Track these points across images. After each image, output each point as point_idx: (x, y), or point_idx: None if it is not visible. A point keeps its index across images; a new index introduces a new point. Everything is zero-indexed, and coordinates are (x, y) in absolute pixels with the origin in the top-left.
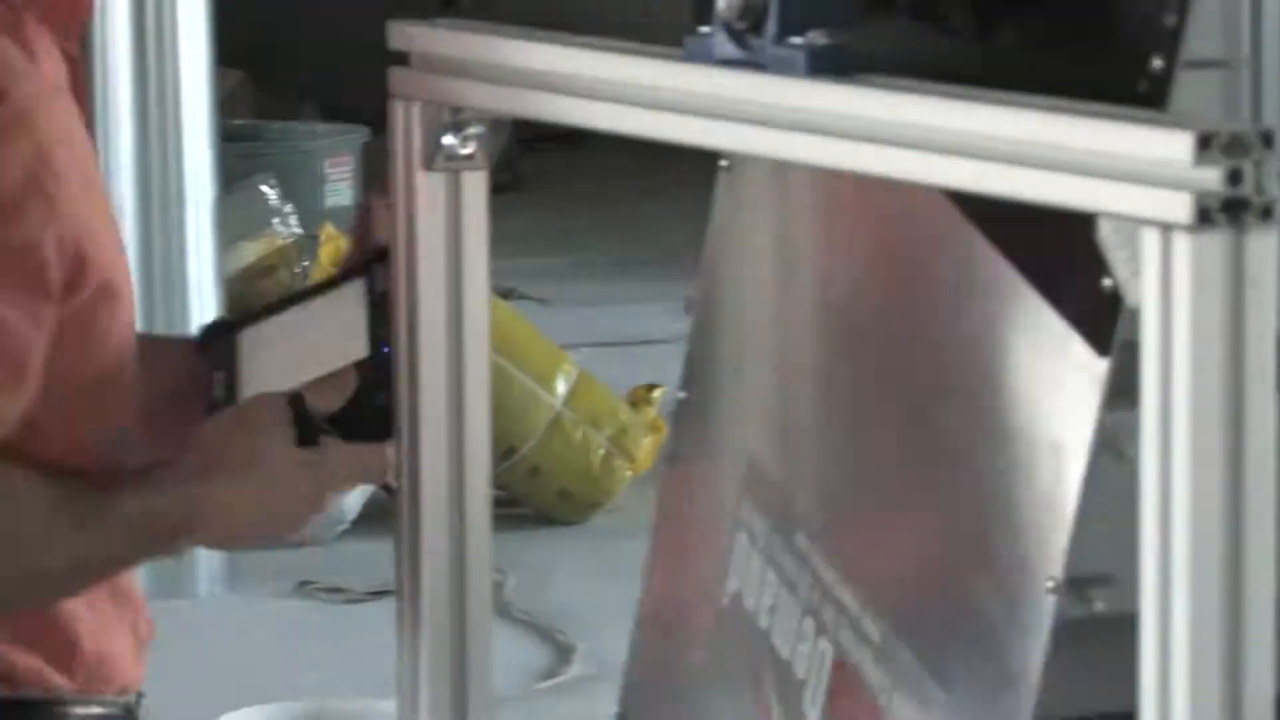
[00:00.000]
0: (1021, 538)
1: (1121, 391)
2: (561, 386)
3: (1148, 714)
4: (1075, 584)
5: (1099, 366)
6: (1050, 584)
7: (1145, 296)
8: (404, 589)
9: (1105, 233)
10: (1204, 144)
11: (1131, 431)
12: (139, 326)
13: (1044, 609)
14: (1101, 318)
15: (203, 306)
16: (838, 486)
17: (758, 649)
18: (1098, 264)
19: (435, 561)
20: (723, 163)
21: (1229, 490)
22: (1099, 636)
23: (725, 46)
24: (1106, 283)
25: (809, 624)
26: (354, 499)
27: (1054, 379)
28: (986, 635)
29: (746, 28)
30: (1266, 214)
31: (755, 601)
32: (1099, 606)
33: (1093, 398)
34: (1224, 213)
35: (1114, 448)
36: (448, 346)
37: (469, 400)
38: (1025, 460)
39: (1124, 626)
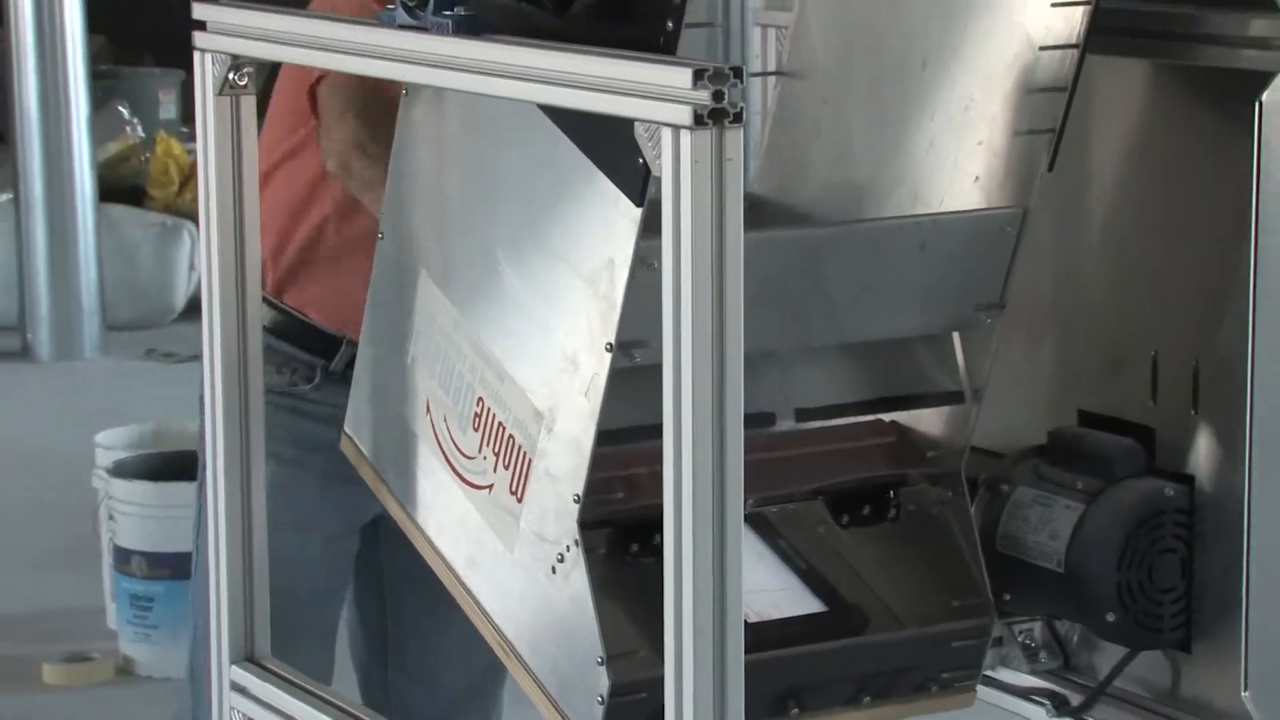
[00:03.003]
0: (592, 318)
1: (650, 228)
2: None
3: (669, 424)
4: (623, 346)
5: (636, 213)
6: (607, 346)
7: (664, 171)
8: (214, 352)
9: (639, 131)
10: (698, 76)
11: (657, 252)
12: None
13: (604, 364)
14: (638, 182)
15: (82, 184)
16: (482, 287)
17: (429, 388)
18: (636, 150)
19: (226, 330)
20: (404, 90)
21: (716, 280)
22: (640, 382)
23: (403, 17)
24: (641, 161)
25: (461, 372)
26: (180, 291)
27: (610, 222)
28: (569, 376)
29: (416, 5)
30: (737, 118)
31: (427, 360)
32: (638, 360)
33: (632, 232)
34: (711, 119)
35: (646, 263)
36: (233, 206)
37: (247, 236)
38: (595, 271)
39: (655, 373)
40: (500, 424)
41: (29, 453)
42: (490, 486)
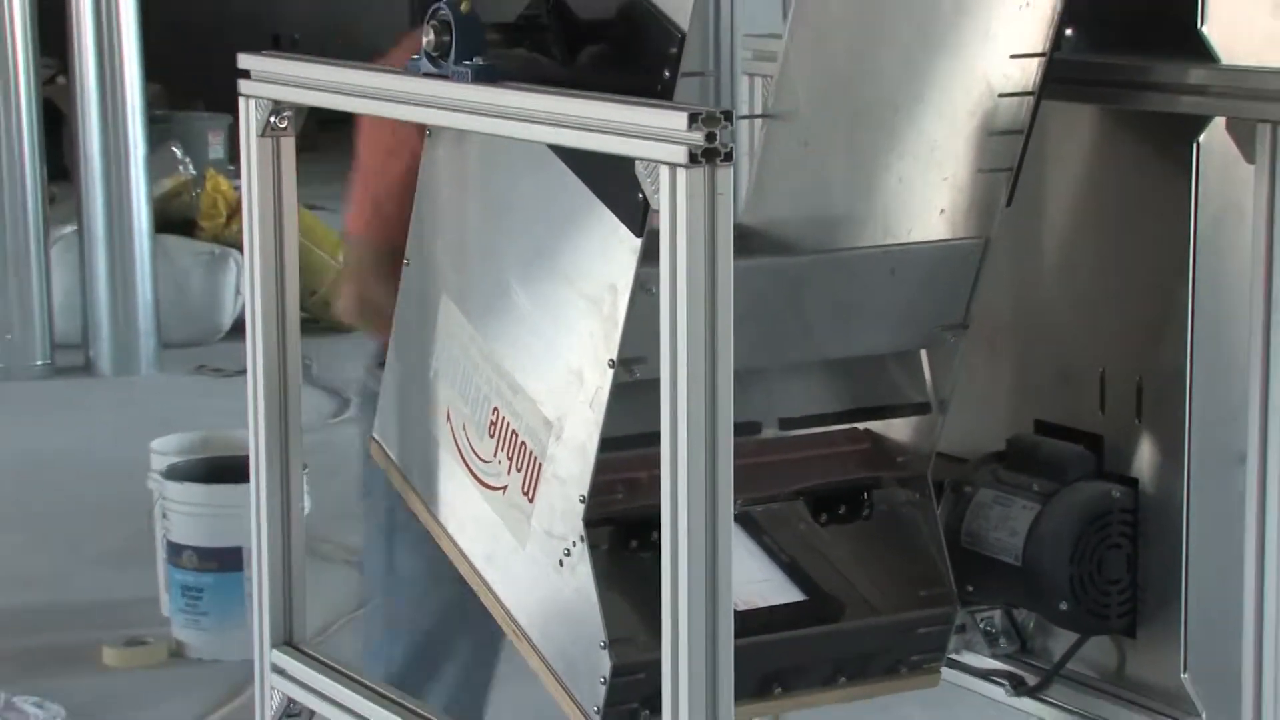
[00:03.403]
0: (596, 336)
1: (649, 256)
2: (341, 256)
3: (666, 433)
4: (624, 362)
5: (636, 242)
6: (610, 362)
7: (661, 203)
8: (255, 367)
9: (640, 169)
10: (693, 119)
11: (655, 277)
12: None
13: (607, 378)
14: (638, 215)
15: (140, 217)
16: (497, 307)
17: (450, 399)
18: (636, 185)
19: (267, 347)
20: (428, 131)
21: (708, 303)
22: (639, 394)
23: (428, 66)
24: (640, 196)
25: (478, 385)
26: (226, 312)
27: (612, 250)
28: (576, 389)
29: (439, 56)
30: (727, 158)
31: (448, 373)
32: (638, 375)
33: (633, 260)
34: (704, 158)
35: (645, 287)
36: (274, 238)
37: (286, 264)
38: (598, 295)
39: (653, 387)
40: (514, 431)
41: (91, 458)
42: (504, 488)
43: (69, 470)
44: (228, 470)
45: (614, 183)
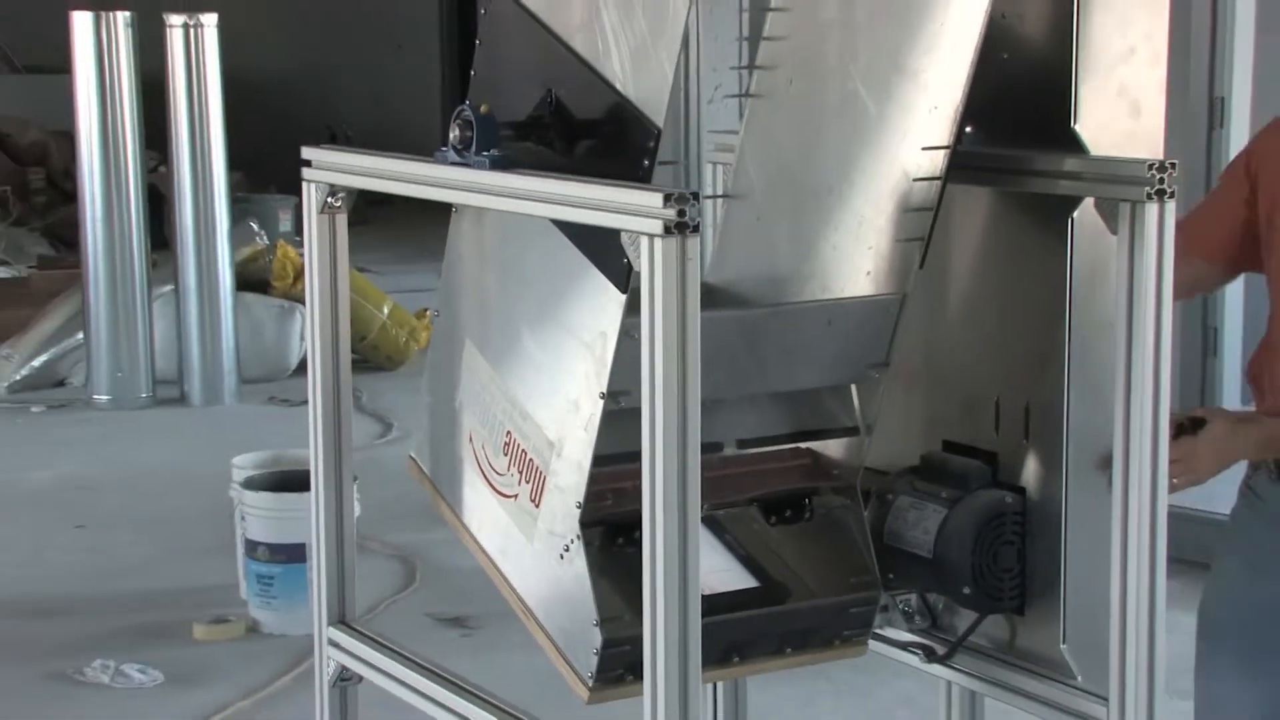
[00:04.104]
0: (589, 373)
1: (632, 308)
2: (385, 309)
3: (646, 451)
4: (612, 394)
5: (621, 298)
6: (600, 394)
7: (642, 266)
8: (316, 398)
9: (625, 239)
10: (667, 199)
11: (637, 326)
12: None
13: (598, 407)
14: (624, 276)
15: (224, 278)
16: (510, 350)
17: (472, 424)
18: (622, 252)
19: (325, 383)
20: (454, 208)
21: (679, 347)
22: (624, 420)
23: (453, 156)
24: (625, 260)
25: (495, 413)
26: (293, 354)
27: (602, 304)
28: (573, 416)
29: (463, 148)
30: (695, 230)
31: (470, 403)
32: (623, 405)
33: (619, 312)
34: (676, 230)
35: (629, 334)
36: (330, 294)
37: (340, 316)
38: (592, 340)
39: (635, 415)
40: (523, 450)
41: (185, 472)
42: (516, 496)
43: (167, 481)
44: (293, 481)
45: (604, 250)
